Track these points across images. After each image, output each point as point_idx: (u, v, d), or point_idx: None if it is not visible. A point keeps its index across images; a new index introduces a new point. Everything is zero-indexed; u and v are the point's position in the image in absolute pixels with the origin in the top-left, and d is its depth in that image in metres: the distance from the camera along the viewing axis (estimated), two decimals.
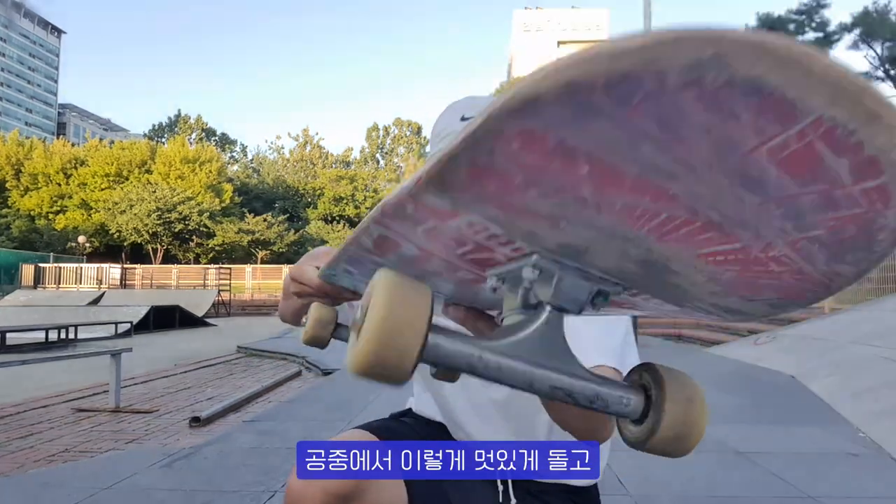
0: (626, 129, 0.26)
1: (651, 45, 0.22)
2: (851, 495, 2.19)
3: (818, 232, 0.29)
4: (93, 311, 12.50)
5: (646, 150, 0.27)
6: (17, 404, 4.03)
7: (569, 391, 0.45)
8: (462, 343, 0.44)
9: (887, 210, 0.26)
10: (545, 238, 0.42)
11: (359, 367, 0.39)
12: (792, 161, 0.25)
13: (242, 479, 2.34)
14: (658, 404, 0.46)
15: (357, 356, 0.39)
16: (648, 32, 0.22)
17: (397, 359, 0.39)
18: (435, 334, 0.42)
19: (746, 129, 0.24)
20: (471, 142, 0.30)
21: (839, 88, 0.21)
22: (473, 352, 0.43)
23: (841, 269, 0.32)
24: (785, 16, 21.48)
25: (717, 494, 2.21)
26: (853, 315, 5.79)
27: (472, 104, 0.85)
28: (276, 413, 3.69)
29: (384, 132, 49.83)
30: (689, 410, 0.46)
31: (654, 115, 0.24)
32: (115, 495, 2.18)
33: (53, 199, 36.04)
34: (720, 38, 0.21)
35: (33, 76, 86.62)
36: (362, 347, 0.38)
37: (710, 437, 2.96)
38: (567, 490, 0.97)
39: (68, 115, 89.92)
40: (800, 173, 0.25)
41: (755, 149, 0.25)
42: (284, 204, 43.36)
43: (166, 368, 6.04)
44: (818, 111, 0.22)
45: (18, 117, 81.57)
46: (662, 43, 0.22)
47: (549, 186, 0.33)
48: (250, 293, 27.21)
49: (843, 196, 0.26)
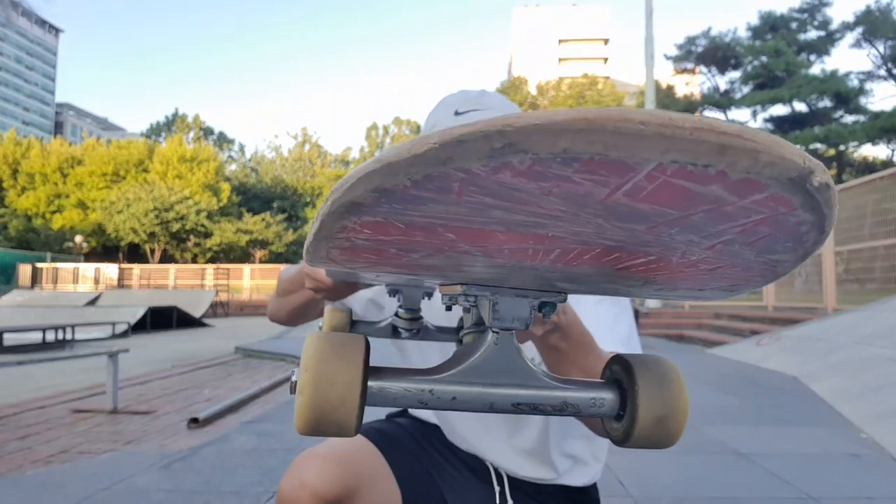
0: (460, 205, 0.26)
1: (438, 149, 0.23)
2: (853, 496, 2.18)
3: (729, 237, 0.29)
4: (90, 312, 12.46)
5: (497, 214, 0.27)
6: (14, 405, 4.01)
7: (533, 404, 0.45)
8: (409, 381, 0.44)
9: (795, 211, 0.26)
10: (458, 277, 0.42)
11: (301, 428, 0.40)
12: (658, 196, 0.25)
13: (241, 481, 2.33)
14: (632, 393, 0.45)
15: (297, 417, 0.40)
16: (434, 136, 0.23)
17: (337, 414, 0.40)
18: (378, 379, 0.43)
19: (587, 185, 0.24)
20: (322, 236, 0.30)
21: (667, 139, 0.22)
22: (423, 387, 0.44)
23: (778, 258, 0.32)
24: (787, 14, 21.51)
25: (719, 495, 2.20)
26: (856, 316, 5.79)
27: (465, 98, 0.83)
28: (275, 414, 3.67)
29: (383, 131, 49.82)
30: (663, 389, 0.45)
31: (480, 194, 0.25)
32: (112, 496, 2.16)
33: (50, 198, 35.96)
34: (502, 130, 0.22)
35: (30, 75, 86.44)
36: (300, 409, 0.40)
37: (711, 438, 2.96)
38: (565, 491, 0.95)
39: (65, 113, 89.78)
40: (675, 203, 0.26)
41: (610, 195, 0.25)
42: (283, 203, 43.31)
43: (164, 369, 6.02)
44: (654, 160, 0.22)
45: (15, 116, 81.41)
46: (447, 145, 0.22)
47: (426, 249, 0.33)
48: (248, 293, 27.15)
49: (736, 209, 0.26)
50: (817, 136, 17.94)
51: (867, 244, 7.13)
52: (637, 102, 26.82)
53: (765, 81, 20.75)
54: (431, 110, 0.87)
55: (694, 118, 0.22)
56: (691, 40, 22.64)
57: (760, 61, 20.57)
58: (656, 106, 16.03)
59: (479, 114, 0.80)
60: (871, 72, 20.05)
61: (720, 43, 21.98)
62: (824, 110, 20.22)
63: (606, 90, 40.02)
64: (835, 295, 7.51)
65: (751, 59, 21.16)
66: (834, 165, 20.31)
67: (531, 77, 45.42)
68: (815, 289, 8.09)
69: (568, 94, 39.51)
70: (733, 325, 8.98)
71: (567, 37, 76.58)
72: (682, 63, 23.41)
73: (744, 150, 0.22)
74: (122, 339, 10.22)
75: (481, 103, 0.82)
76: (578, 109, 0.22)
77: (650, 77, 12.57)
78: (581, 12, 77.46)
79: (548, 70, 63.59)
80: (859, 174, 17.11)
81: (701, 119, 0.22)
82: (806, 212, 0.26)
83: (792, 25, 21.27)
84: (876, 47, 19.42)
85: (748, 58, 21.31)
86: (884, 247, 6.76)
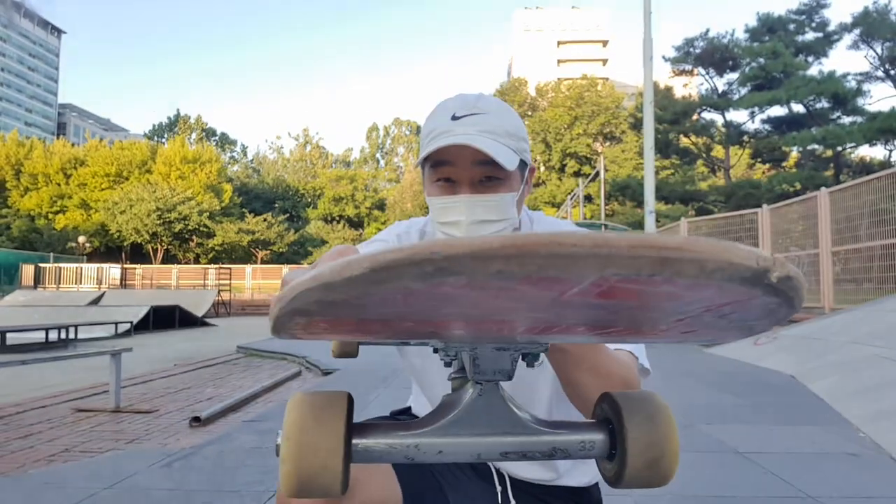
0: (410, 307, 0.26)
1: (370, 273, 0.23)
2: (851, 495, 2.18)
3: (695, 315, 0.29)
4: (92, 312, 12.49)
5: (449, 310, 0.27)
6: (17, 404, 4.03)
7: (522, 451, 0.44)
8: (394, 437, 0.44)
9: (758, 298, 0.25)
10: (434, 340, 0.42)
11: (286, 492, 0.40)
12: (610, 294, 0.25)
13: (243, 479, 2.34)
14: (621, 436, 0.44)
15: (282, 482, 0.40)
16: (366, 261, 0.22)
17: (321, 480, 0.40)
18: (363, 437, 0.43)
19: (532, 291, 0.24)
20: (279, 326, 0.31)
21: (603, 258, 0.21)
22: (409, 442, 0.43)
23: (752, 324, 0.32)
24: (785, 16, 21.45)
25: (717, 494, 2.21)
26: (853, 315, 5.79)
27: (462, 103, 0.84)
28: (277, 413, 3.68)
29: (384, 132, 49.81)
30: (652, 431, 0.44)
31: (426, 300, 0.25)
32: (115, 495, 2.17)
33: (53, 199, 36.01)
34: (430, 258, 0.22)
35: (33, 76, 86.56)
36: (284, 477, 0.40)
37: (709, 437, 2.97)
38: (567, 490, 0.96)
39: (68, 114, 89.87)
40: (629, 298, 0.25)
41: (559, 297, 0.25)
42: (284, 204, 43.33)
43: (166, 368, 6.04)
44: (594, 275, 0.22)
45: (18, 117, 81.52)
46: (378, 270, 0.22)
47: (387, 332, 0.34)
48: (250, 293, 27.23)
49: (696, 298, 0.26)
50: (815, 138, 17.90)
51: (864, 244, 7.13)
52: (636, 103, 26.79)
53: (762, 83, 20.71)
54: (429, 114, 0.87)
55: (630, 238, 0.22)
56: (689, 42, 22.61)
57: (758, 63, 20.53)
58: (655, 107, 16.02)
59: (476, 118, 0.81)
60: (868, 73, 19.99)
61: (718, 45, 21.94)
62: (822, 111, 20.18)
63: (605, 91, 39.98)
64: (832, 295, 7.52)
65: (748, 60, 21.11)
66: (831, 166, 20.27)
67: (531, 78, 45.43)
68: (812, 288, 8.10)
69: (567, 95, 39.47)
70: None
71: (566, 38, 76.63)
72: (680, 65, 23.36)
73: (689, 261, 0.22)
74: (124, 338, 10.25)
75: (478, 107, 0.82)
76: (509, 236, 0.21)
77: (648, 78, 12.57)
78: (580, 15, 77.48)
79: (547, 71, 63.56)
80: (857, 175, 17.08)
81: (637, 238, 0.22)
82: (770, 296, 0.25)
83: (790, 27, 21.23)
84: (874, 48, 19.38)
85: (746, 59, 21.26)
86: (881, 247, 6.77)
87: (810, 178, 18.33)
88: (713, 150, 25.61)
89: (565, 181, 38.50)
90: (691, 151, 24.63)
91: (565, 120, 38.35)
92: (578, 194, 29.30)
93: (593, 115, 38.25)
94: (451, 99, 0.86)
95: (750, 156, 25.04)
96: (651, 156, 12.51)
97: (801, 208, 8.73)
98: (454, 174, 0.83)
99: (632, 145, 36.84)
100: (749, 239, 9.99)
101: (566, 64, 72.99)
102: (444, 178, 0.84)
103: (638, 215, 26.55)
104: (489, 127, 0.81)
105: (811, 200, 8.21)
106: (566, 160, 38.87)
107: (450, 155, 0.82)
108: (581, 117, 38.27)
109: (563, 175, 39.03)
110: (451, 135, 0.81)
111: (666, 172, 26.73)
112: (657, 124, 18.75)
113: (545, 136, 39.07)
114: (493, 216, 0.82)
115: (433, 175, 0.85)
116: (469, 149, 0.79)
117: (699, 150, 24.50)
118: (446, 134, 0.81)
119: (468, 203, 0.82)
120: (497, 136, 0.81)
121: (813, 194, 8.25)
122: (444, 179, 0.84)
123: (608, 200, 31.04)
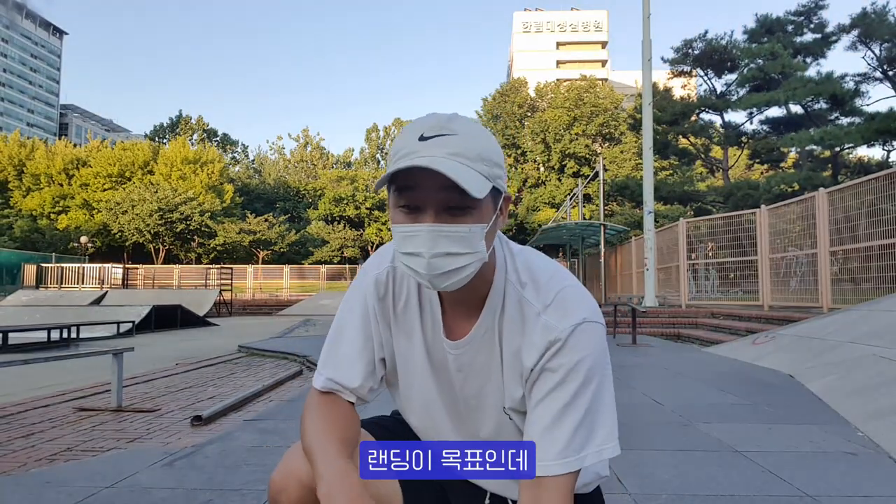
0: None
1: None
2: (849, 494, 2.19)
3: None
4: (94, 311, 12.51)
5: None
6: (18, 403, 4.05)
7: None
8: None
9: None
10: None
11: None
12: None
13: (244, 478, 2.36)
14: None
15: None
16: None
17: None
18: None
19: None
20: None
21: None
22: None
23: None
24: (783, 17, 21.46)
25: (715, 493, 2.22)
26: (851, 315, 5.80)
27: (432, 123, 0.78)
28: (278, 412, 3.70)
29: (384, 133, 49.79)
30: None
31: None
32: (116, 494, 2.19)
33: (55, 199, 36.06)
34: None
35: (35, 77, 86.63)
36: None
37: (708, 436, 2.98)
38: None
39: (70, 115, 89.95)
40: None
41: None
42: (285, 204, 43.37)
43: (168, 368, 6.06)
44: None
45: (20, 118, 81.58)
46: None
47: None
48: (251, 293, 27.28)
49: None
50: (813, 138, 17.87)
51: (862, 244, 7.15)
52: (635, 104, 26.79)
53: (761, 84, 20.70)
54: (399, 135, 0.82)
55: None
56: (688, 43, 22.60)
57: (756, 64, 20.52)
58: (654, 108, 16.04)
59: (444, 139, 0.75)
60: (866, 74, 19.96)
61: (717, 46, 21.94)
62: (820, 112, 20.17)
63: (604, 92, 40.00)
64: (830, 294, 7.53)
65: (747, 61, 21.11)
66: (830, 167, 20.26)
67: (530, 79, 45.49)
68: (810, 288, 8.12)
69: (566, 95, 39.49)
70: (730, 324, 9.00)
71: (566, 40, 76.72)
72: (678, 66, 23.37)
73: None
74: (126, 337, 10.27)
75: (449, 128, 0.76)
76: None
77: (647, 80, 12.59)
78: (580, 16, 77.55)
79: (547, 72, 63.63)
80: (855, 175, 17.08)
81: None
82: None
83: (788, 28, 21.22)
84: (871, 49, 19.34)
85: (744, 60, 21.26)
86: (878, 247, 6.78)
87: (808, 178, 18.32)
88: (712, 150, 25.62)
89: (565, 181, 38.51)
90: (690, 152, 24.63)
91: (565, 121, 38.36)
92: (577, 194, 29.31)
93: (592, 116, 38.26)
94: (422, 118, 0.81)
95: (748, 156, 25.02)
96: (650, 156, 12.52)
97: (799, 208, 8.73)
98: (418, 200, 0.76)
99: (631, 146, 36.85)
100: (748, 239, 10.00)
101: (566, 65, 73.06)
102: (407, 205, 0.77)
103: (637, 215, 26.56)
104: (459, 149, 0.75)
105: (809, 201, 8.22)
106: (565, 160, 38.88)
107: (413, 179, 0.75)
108: (580, 118, 38.28)
109: (563, 175, 39.04)
110: (415, 156, 0.74)
111: (665, 173, 26.73)
112: (656, 125, 18.75)
113: (545, 136, 39.10)
114: (458, 248, 0.76)
115: (397, 200, 0.78)
116: (434, 172, 0.72)
117: (698, 151, 24.49)
118: (411, 155, 0.75)
119: (431, 233, 0.75)
120: (467, 159, 0.75)
121: (811, 194, 8.26)
122: (407, 206, 0.77)
123: (607, 201, 31.05)
